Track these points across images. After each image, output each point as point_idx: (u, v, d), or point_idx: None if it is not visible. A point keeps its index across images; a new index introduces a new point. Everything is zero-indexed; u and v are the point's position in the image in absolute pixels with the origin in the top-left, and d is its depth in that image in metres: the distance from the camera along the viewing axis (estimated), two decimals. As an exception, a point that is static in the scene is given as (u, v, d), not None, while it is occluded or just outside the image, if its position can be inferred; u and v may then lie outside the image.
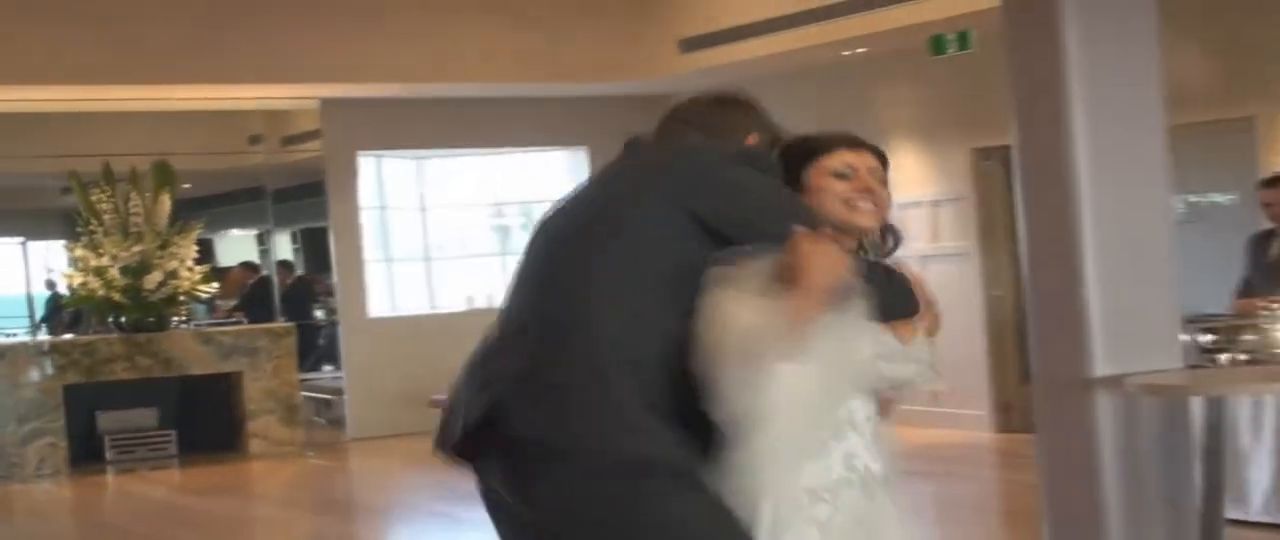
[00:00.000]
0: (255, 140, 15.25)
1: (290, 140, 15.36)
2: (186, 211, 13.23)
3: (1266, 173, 9.42)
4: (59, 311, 14.90)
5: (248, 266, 16.17)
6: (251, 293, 15.59)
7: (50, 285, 15.37)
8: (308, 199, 15.25)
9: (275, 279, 15.80)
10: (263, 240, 16.31)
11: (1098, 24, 5.61)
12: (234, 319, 14.78)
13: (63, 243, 14.83)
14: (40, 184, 14.97)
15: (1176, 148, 6.11)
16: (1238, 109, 10.38)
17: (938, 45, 11.52)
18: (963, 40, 11.28)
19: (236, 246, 16.89)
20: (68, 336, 13.45)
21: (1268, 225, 8.81)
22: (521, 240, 15.09)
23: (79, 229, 12.85)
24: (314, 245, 15.82)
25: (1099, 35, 5.61)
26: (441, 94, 13.92)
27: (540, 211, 12.89)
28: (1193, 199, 10.50)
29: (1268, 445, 7.45)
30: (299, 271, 16.41)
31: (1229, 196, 10.64)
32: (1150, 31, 5.78)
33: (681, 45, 13.19)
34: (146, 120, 14.03)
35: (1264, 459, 7.52)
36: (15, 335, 14.39)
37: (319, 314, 15.85)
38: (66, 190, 13.29)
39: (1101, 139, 5.43)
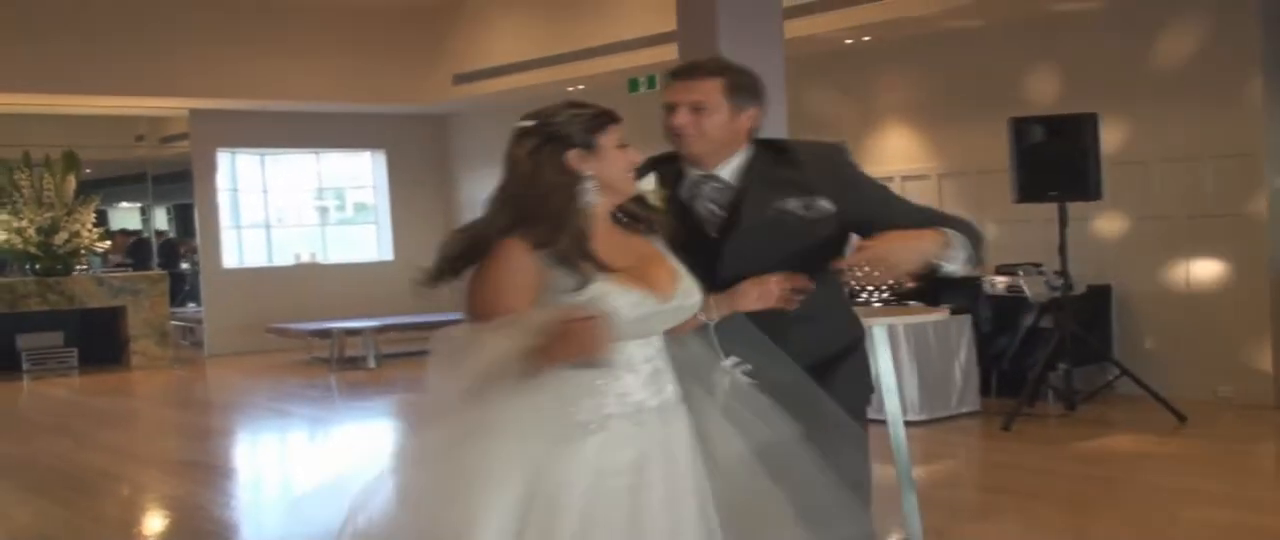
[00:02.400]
0: (140, 138, 15.26)
1: (167, 139, 15.31)
2: (87, 189, 13.29)
3: None
4: None
5: (127, 232, 16.03)
6: (132, 249, 15.52)
7: None
8: (178, 183, 15.29)
9: (154, 240, 15.90)
10: (144, 212, 16.13)
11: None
12: (121, 268, 14.60)
13: None
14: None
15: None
16: (835, 134, 10.57)
17: (633, 85, 11.97)
18: (650, 82, 11.68)
19: (125, 216, 16.60)
20: None
21: None
22: (336, 216, 16.47)
23: (4, 200, 12.95)
24: (184, 216, 15.84)
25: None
26: (280, 108, 14.14)
27: (348, 196, 14.07)
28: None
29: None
30: (170, 235, 16.38)
31: None
32: (779, 75, 6.06)
33: (454, 78, 13.62)
34: (58, 120, 13.90)
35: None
36: None
37: (184, 265, 15.79)
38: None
39: None
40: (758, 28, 5.83)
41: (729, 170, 2.95)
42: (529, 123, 2.58)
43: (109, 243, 14.15)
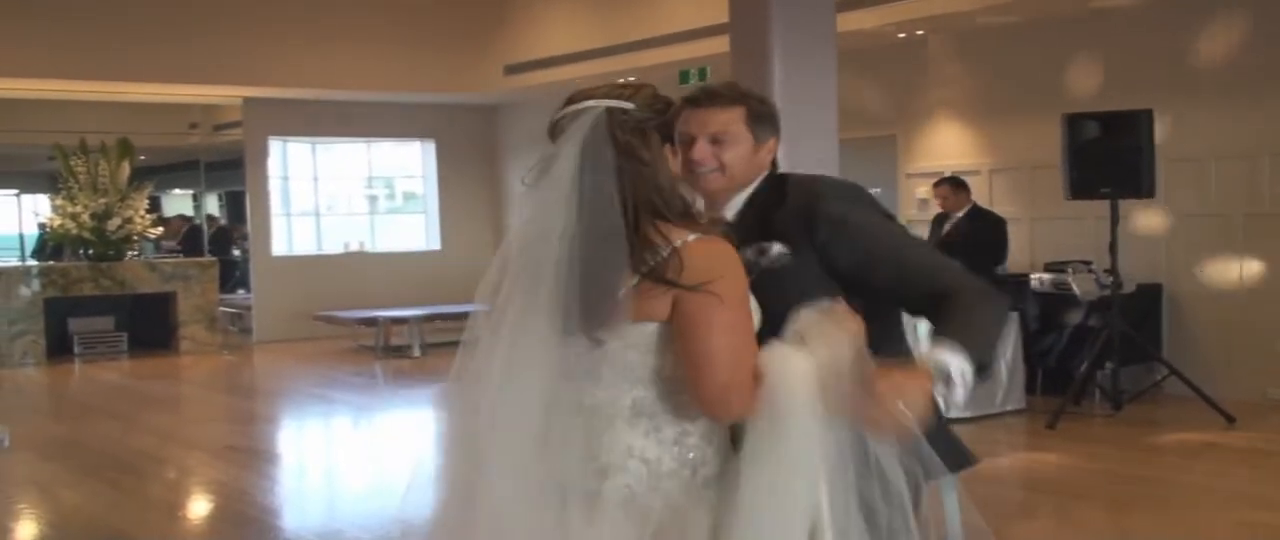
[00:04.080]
0: (194, 126, 15.55)
1: (219, 127, 15.56)
2: (141, 176, 13.40)
3: (907, 174, 10.28)
4: (44, 245, 14.94)
5: (182, 218, 16.45)
6: (186, 236, 15.80)
7: (41, 227, 15.46)
8: (230, 170, 15.53)
9: (206, 227, 16.17)
10: (196, 199, 16.43)
11: (795, 64, 5.80)
12: (173, 254, 14.80)
13: (46, 196, 15.88)
14: (32, 153, 14.87)
15: (844, 154, 6.35)
16: (886, 129, 11.14)
17: (684, 77, 11.89)
18: (702, 74, 11.69)
19: (178, 203, 17.10)
20: (50, 263, 13.51)
21: (939, 211, 9.23)
22: (385, 205, 16.62)
23: (60, 186, 13.09)
24: (235, 204, 16.17)
25: (796, 72, 5.80)
26: (331, 97, 14.22)
27: (398, 185, 14.19)
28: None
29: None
30: (222, 222, 16.73)
31: (876, 190, 11.91)
32: (831, 70, 6.05)
33: (505, 69, 13.70)
34: (113, 108, 13.99)
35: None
36: (10, 262, 14.49)
37: (236, 253, 16.02)
38: (51, 158, 13.29)
39: (794, 147, 5.36)
40: (811, 21, 5.73)
41: (733, 209, 2.65)
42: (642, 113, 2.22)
43: (162, 228, 14.38)
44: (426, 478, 2.33)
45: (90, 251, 13.25)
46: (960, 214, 9.07)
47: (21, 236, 15.94)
